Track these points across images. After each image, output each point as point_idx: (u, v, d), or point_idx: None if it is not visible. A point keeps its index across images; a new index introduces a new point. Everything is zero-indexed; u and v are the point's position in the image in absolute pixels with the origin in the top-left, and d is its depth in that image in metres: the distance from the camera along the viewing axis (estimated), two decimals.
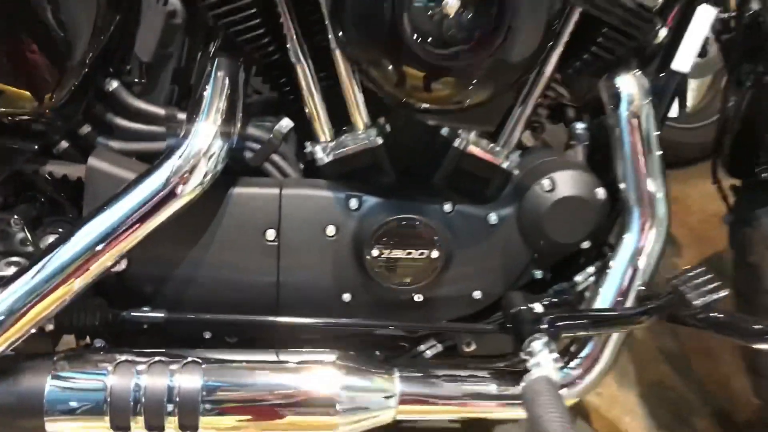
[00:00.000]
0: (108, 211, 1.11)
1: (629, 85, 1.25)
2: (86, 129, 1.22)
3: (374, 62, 1.08)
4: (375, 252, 1.22)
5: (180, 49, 1.23)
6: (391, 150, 1.26)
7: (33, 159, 1.18)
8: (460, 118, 1.17)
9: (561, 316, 1.18)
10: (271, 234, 1.23)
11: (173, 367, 1.16)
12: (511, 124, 1.26)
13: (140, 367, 1.15)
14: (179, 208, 1.13)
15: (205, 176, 1.13)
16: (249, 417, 1.17)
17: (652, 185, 1.25)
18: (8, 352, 1.13)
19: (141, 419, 1.14)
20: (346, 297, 1.28)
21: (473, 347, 1.38)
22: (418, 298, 1.29)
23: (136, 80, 1.21)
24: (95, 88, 1.19)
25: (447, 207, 1.26)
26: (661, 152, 1.26)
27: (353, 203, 1.24)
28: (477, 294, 1.31)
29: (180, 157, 1.12)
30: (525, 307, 1.22)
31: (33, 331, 1.11)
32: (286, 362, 1.20)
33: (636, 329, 1.21)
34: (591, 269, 1.34)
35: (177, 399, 1.14)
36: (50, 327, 1.16)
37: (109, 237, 1.10)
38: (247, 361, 1.19)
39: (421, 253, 1.23)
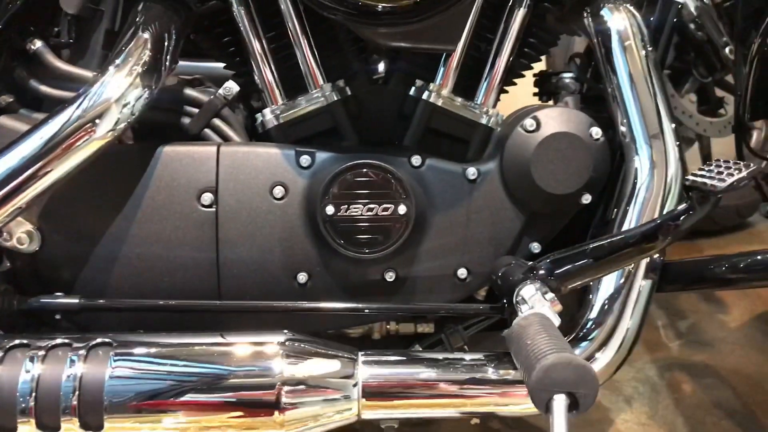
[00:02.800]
0: (5, 157, 0.87)
1: (618, 17, 1.02)
2: (6, 99, 1.02)
3: None
4: (330, 209, 0.95)
5: (113, 7, 1.06)
6: (353, 120, 1.04)
7: None
8: (418, 35, 0.93)
9: (558, 256, 0.87)
10: (207, 198, 0.97)
11: (76, 352, 0.86)
12: (485, 79, 1.04)
13: (35, 353, 0.86)
14: (88, 155, 0.89)
15: (116, 123, 0.90)
16: (166, 414, 0.84)
17: (657, 119, 0.98)
18: None
19: (31, 419, 0.84)
20: (302, 277, 0.99)
21: None
22: (390, 277, 1.00)
23: (63, 41, 1.03)
24: (15, 48, 1.01)
25: (415, 160, 1.00)
26: (664, 91, 1.01)
27: (304, 160, 0.99)
28: (462, 272, 1.01)
29: (89, 100, 0.89)
30: (516, 262, 0.91)
31: None
32: (218, 344, 0.89)
33: (652, 254, 0.87)
34: None
35: (77, 392, 0.84)
36: None
37: (5, 185, 0.86)
38: (169, 344, 0.88)
39: (386, 209, 0.96)
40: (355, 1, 0.90)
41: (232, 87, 1.05)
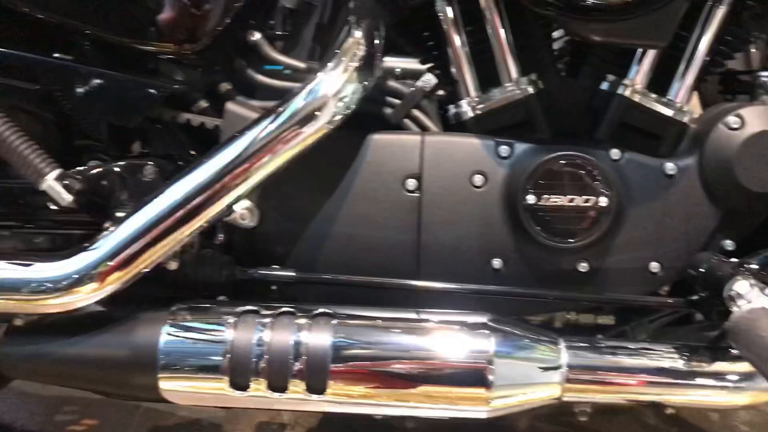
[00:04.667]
0: (232, 146, 0.98)
1: None
2: (226, 86, 1.13)
3: None
4: (531, 198, 1.01)
5: (324, 2, 1.15)
6: (545, 112, 1.09)
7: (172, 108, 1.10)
8: (629, 31, 0.97)
9: None
10: (411, 183, 1.05)
11: (301, 320, 0.96)
12: (681, 76, 1.07)
13: (264, 320, 0.97)
14: (306, 146, 0.99)
15: (333, 116, 0.99)
16: (384, 383, 0.94)
17: None
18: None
19: (263, 380, 0.94)
20: (497, 263, 1.05)
21: None
22: (583, 267, 1.04)
23: (279, 33, 1.13)
24: (237, 40, 1.11)
25: (614, 154, 1.04)
26: None
27: (504, 150, 1.05)
28: (654, 266, 1.04)
29: (309, 95, 0.99)
30: (718, 258, 0.94)
31: (157, 261, 0.97)
32: (429, 321, 0.97)
33: None
34: None
35: (304, 357, 0.94)
36: (173, 266, 1.01)
37: (232, 172, 0.97)
38: (384, 318, 0.97)
39: (587, 200, 1.00)
40: None
41: (430, 79, 1.12)
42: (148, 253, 0.96)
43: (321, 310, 0.97)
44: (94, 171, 1.05)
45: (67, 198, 1.00)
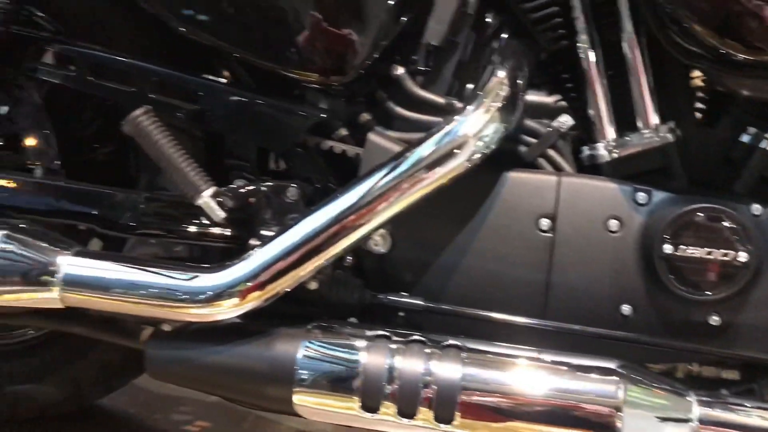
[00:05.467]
0: (374, 178, 1.03)
1: None
2: (365, 117, 1.19)
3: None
4: (668, 248, 1.02)
5: (466, 41, 1.19)
6: (682, 160, 1.10)
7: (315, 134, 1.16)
8: None
9: None
10: (545, 223, 1.08)
11: (431, 350, 1.00)
12: None
13: (395, 346, 1.01)
14: (444, 182, 1.03)
15: (473, 155, 1.03)
16: (510, 419, 0.96)
17: None
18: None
19: (393, 405, 0.98)
20: (626, 309, 1.06)
21: None
22: (714, 321, 1.04)
23: (421, 68, 1.17)
24: (381, 73, 1.17)
25: (756, 209, 1.04)
26: None
27: (641, 197, 1.06)
28: None
29: (450, 133, 1.03)
30: None
31: (296, 283, 1.03)
32: (559, 363, 0.99)
33: None
34: None
35: (434, 387, 0.98)
36: (314, 285, 1.07)
37: (373, 203, 1.02)
38: (513, 356, 1.00)
39: (725, 255, 1.01)
40: (720, 51, 0.97)
41: (567, 120, 1.15)
42: (289, 275, 1.02)
43: (450, 341, 1.01)
44: (244, 189, 1.12)
45: (220, 214, 1.08)
